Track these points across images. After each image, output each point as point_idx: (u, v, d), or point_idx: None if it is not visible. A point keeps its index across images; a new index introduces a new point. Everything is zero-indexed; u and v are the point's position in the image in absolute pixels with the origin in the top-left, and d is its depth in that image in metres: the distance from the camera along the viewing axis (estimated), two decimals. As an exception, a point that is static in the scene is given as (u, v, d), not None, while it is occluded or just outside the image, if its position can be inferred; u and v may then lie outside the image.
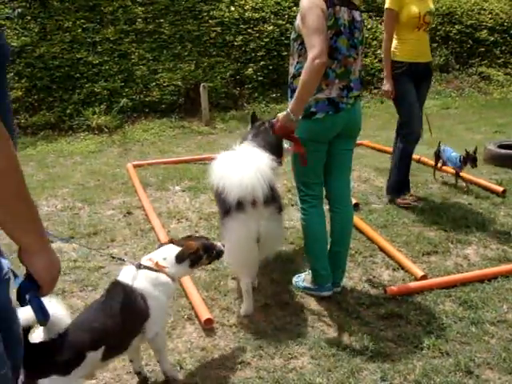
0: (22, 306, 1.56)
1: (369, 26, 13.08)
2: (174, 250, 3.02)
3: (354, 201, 5.38)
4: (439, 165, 6.39)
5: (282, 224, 3.84)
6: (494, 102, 12.27)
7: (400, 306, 3.72)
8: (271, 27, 11.82)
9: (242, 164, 3.50)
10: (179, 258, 2.99)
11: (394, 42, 5.34)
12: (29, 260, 1.49)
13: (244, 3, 12.22)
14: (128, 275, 2.84)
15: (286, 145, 4.18)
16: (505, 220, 5.15)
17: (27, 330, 2.14)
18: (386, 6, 5.26)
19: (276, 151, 3.88)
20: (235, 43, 11.44)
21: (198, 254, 3.07)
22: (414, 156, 7.09)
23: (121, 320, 2.63)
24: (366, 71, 12.19)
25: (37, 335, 2.36)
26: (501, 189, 5.78)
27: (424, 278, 4.02)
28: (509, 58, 14.10)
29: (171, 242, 3.13)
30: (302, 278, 4.06)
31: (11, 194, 1.40)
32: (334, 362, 3.17)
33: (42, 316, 1.60)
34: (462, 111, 11.32)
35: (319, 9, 3.34)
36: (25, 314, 1.78)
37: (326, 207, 3.92)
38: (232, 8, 12.06)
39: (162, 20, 11.61)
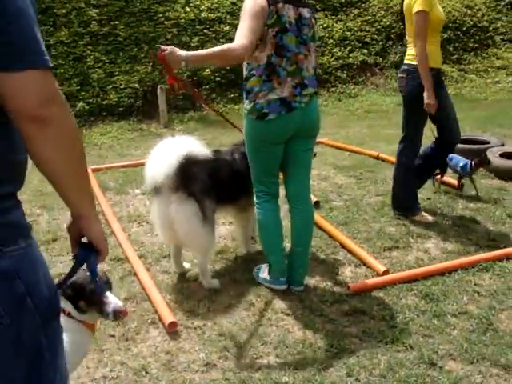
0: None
1: (325, 25, 13.17)
2: None
3: (314, 199, 5.43)
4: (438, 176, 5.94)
5: (194, 210, 3.77)
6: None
7: (363, 301, 3.75)
8: (227, 27, 11.82)
9: (159, 151, 3.70)
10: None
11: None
12: (89, 227, 1.59)
13: (200, 4, 12.20)
14: None
15: None
16: (463, 213, 5.23)
17: None
18: (420, 8, 4.60)
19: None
20: (192, 44, 11.39)
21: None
22: (373, 152, 7.20)
23: None
24: (324, 70, 12.29)
25: None
26: (458, 183, 5.86)
27: (386, 273, 4.05)
28: (462, 55, 14.36)
29: None
30: (262, 270, 4.10)
31: (80, 163, 1.50)
32: (299, 360, 3.17)
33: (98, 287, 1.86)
34: (418, 107, 11.45)
35: (260, 8, 3.37)
36: None
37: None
38: (188, 9, 12.03)
39: (116, 22, 11.52)
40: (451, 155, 5.78)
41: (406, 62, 4.93)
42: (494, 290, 3.85)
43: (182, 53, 3.35)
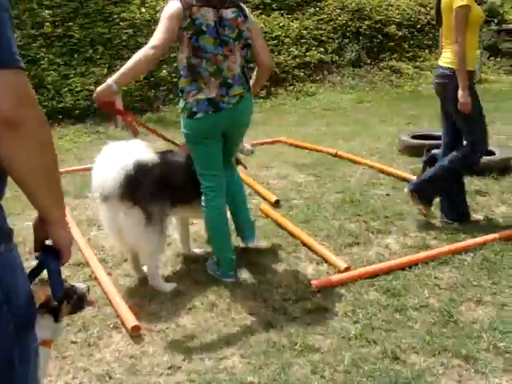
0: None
1: (281, 24, 13.21)
2: None
3: (274, 198, 5.44)
4: None
5: (140, 218, 3.80)
6: (406, 94, 12.62)
7: (326, 298, 3.76)
8: (184, 28, 11.72)
9: (103, 158, 3.73)
10: None
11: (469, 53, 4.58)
12: (57, 233, 1.59)
13: (155, 4, 12.13)
14: None
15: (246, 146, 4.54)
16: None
17: None
18: (462, 3, 4.37)
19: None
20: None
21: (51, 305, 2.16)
22: (331, 150, 7.24)
23: None
24: (281, 68, 12.32)
25: None
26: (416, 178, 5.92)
27: (347, 269, 4.07)
28: (417, 52, 14.56)
29: None
30: (214, 261, 4.16)
31: (52, 168, 1.50)
32: (264, 360, 3.17)
33: (59, 291, 1.68)
34: (374, 104, 11.57)
35: (173, 12, 3.63)
36: None
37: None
38: (143, 9, 11.95)
39: (71, 23, 11.37)
40: (438, 150, 5.67)
41: (444, 65, 4.65)
42: (453, 282, 3.91)
43: (109, 80, 3.59)
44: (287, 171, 6.58)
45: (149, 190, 3.81)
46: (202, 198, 4.03)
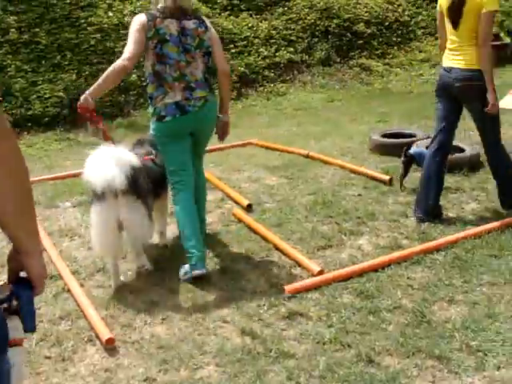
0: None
1: (250, 25, 13.18)
2: None
3: (246, 202, 5.43)
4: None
5: (144, 212, 4.11)
6: (376, 91, 12.68)
7: (300, 303, 3.78)
8: (152, 31, 11.65)
9: (104, 158, 3.96)
10: None
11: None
12: (31, 264, 1.55)
13: (123, 8, 12.02)
14: None
15: None
16: (393, 208, 5.33)
17: None
18: (495, 7, 4.52)
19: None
20: (116, 49, 11.12)
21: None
22: (303, 151, 7.25)
23: None
24: (251, 69, 12.30)
25: None
26: (387, 177, 5.97)
27: (321, 273, 4.09)
28: (386, 49, 14.62)
29: None
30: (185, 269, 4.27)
31: (24, 197, 1.47)
32: (239, 368, 3.17)
33: (31, 325, 1.64)
34: (345, 103, 11.60)
35: (140, 24, 4.06)
36: None
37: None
38: (110, 13, 11.82)
39: (37, 29, 11.21)
40: (419, 149, 5.89)
41: (466, 66, 4.71)
42: (426, 282, 3.96)
43: (86, 92, 4.03)
44: (259, 174, 6.56)
45: (144, 185, 4.17)
46: (172, 192, 4.42)
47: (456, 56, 4.78)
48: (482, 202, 5.41)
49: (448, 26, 4.82)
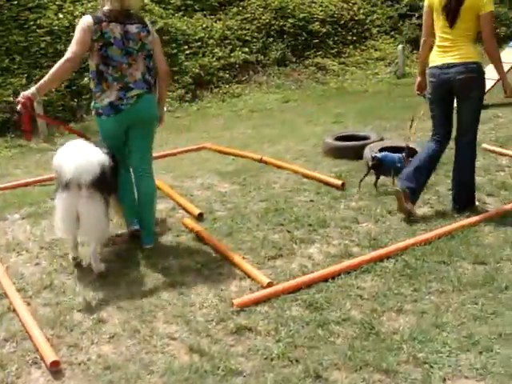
0: None
1: (204, 25, 13.10)
2: None
3: (197, 211, 5.36)
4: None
5: (103, 209, 4.39)
6: (332, 91, 12.72)
7: (248, 317, 3.71)
8: (104, 33, 11.47)
9: (76, 150, 4.32)
10: None
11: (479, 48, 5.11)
12: None
13: (73, 10, 11.81)
14: None
15: None
16: (345, 213, 5.31)
17: None
18: (492, 8, 4.81)
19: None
20: (67, 52, 10.97)
21: None
22: (256, 156, 7.19)
23: None
24: (206, 71, 12.22)
25: None
26: (340, 182, 5.94)
27: (270, 285, 4.03)
28: (342, 48, 14.69)
29: None
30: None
31: None
32: (186, 388, 3.10)
33: None
34: (301, 103, 11.60)
35: (86, 26, 4.34)
36: None
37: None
38: (60, 15, 11.60)
39: (-16, 32, 10.95)
40: (384, 153, 5.95)
41: (467, 60, 4.90)
42: (375, 292, 3.93)
43: (32, 88, 4.44)
44: (212, 180, 6.48)
45: (105, 180, 4.36)
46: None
47: (452, 52, 4.93)
48: (434, 206, 5.43)
49: (440, 23, 4.94)
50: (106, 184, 4.40)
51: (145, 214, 4.86)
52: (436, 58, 5.05)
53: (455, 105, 5.18)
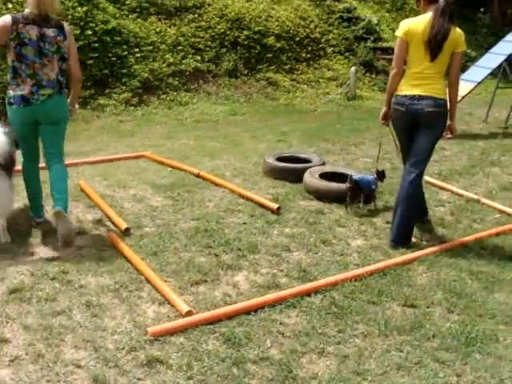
0: None
1: (158, 29, 12.82)
2: None
3: (124, 225, 5.11)
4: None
5: (7, 183, 4.82)
6: (281, 107, 12.60)
7: (162, 348, 3.49)
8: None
9: None
10: None
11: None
12: None
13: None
14: None
15: None
16: (278, 240, 5.14)
17: None
18: (465, 48, 5.11)
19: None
20: None
21: None
22: (194, 170, 6.97)
23: None
24: (155, 76, 11.93)
25: None
26: (275, 206, 5.76)
27: (189, 313, 3.80)
28: (294, 65, 14.60)
29: None
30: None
31: None
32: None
33: None
34: (248, 117, 11.45)
35: (3, 24, 4.69)
36: None
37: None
38: (10, 5, 11.17)
39: None
40: (359, 175, 6.02)
41: (438, 96, 4.99)
42: (298, 330, 3.74)
43: None
44: (144, 193, 6.20)
45: (9, 161, 4.86)
46: (22, 160, 5.18)
47: (427, 85, 5.00)
48: (369, 239, 5.30)
49: (417, 56, 4.99)
50: (11, 162, 4.89)
51: (58, 187, 4.99)
52: (406, 88, 5.08)
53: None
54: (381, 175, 6.14)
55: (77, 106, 5.58)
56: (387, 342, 3.67)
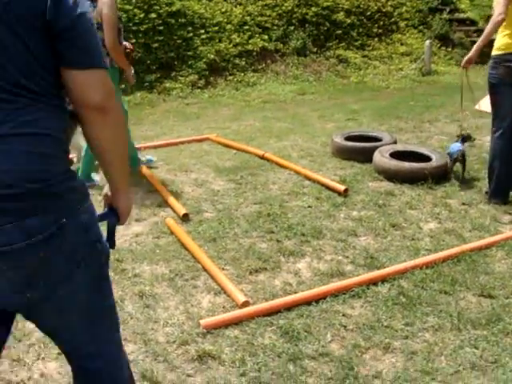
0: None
1: (223, 10, 12.60)
2: None
3: (183, 211, 4.93)
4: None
5: None
6: (351, 85, 12.20)
7: (215, 341, 3.26)
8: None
9: None
10: None
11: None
12: (119, 199, 1.98)
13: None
14: None
15: None
16: (344, 224, 4.83)
17: None
18: None
19: None
20: None
21: None
22: (259, 151, 6.73)
23: None
24: (221, 57, 11.74)
25: None
26: (342, 188, 5.44)
27: (245, 304, 3.56)
28: (366, 41, 14.13)
29: None
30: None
31: (125, 144, 1.90)
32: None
33: (112, 243, 2.03)
34: (317, 97, 11.11)
35: None
36: None
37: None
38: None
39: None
40: (451, 146, 5.91)
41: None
42: (362, 322, 3.43)
43: None
44: (206, 177, 6.01)
45: None
46: None
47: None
48: (443, 222, 4.91)
49: None
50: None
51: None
52: None
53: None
54: (467, 138, 6.01)
55: (132, 71, 5.66)
56: (460, 337, 3.30)
